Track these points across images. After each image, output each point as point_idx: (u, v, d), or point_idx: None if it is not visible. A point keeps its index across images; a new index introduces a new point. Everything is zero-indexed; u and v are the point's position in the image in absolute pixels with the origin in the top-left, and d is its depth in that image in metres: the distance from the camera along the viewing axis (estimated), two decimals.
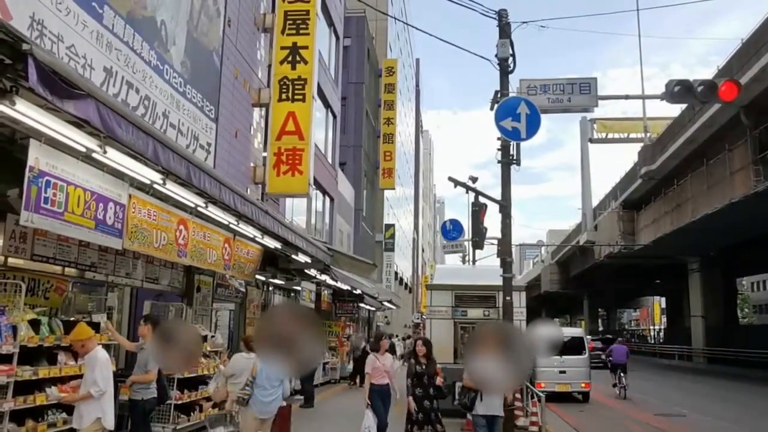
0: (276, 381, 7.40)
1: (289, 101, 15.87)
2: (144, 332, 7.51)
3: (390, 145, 40.21)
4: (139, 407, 7.36)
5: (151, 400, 7.49)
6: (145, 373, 7.39)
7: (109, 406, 6.37)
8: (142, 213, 7.79)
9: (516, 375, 5.97)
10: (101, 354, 6.45)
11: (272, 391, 7.36)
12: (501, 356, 5.62)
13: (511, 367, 5.71)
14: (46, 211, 5.88)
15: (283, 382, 7.53)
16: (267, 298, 17.10)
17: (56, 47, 7.50)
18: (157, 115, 10.29)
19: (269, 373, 7.29)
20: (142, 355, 7.44)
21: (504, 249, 11.72)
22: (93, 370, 6.25)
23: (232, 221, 10.04)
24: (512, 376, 5.86)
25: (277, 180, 15.65)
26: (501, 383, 6.19)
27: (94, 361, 6.31)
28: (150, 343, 7.15)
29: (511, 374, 5.81)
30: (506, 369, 5.70)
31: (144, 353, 7.41)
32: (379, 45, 42.98)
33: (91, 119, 5.26)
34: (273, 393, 7.36)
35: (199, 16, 12.01)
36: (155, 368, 7.43)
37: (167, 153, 6.65)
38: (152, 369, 7.39)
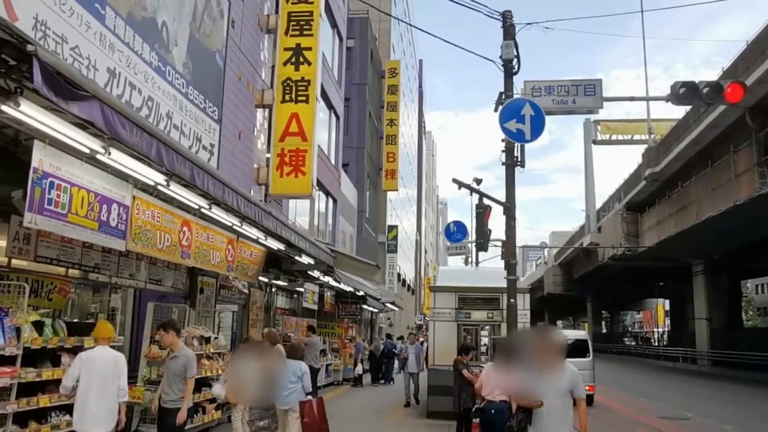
0: (294, 378, 8.27)
1: (292, 102, 15.85)
2: (170, 340, 7.39)
3: (393, 146, 40.19)
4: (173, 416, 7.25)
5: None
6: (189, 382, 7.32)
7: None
8: (145, 214, 7.78)
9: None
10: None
11: (291, 386, 8.22)
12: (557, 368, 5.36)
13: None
14: (49, 212, 5.87)
15: (302, 378, 8.31)
16: (270, 300, 17.08)
17: (60, 48, 7.49)
18: (161, 116, 10.28)
19: (288, 372, 8.26)
20: (176, 363, 7.26)
21: (508, 251, 11.69)
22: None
23: (236, 223, 10.03)
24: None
25: (280, 181, 15.63)
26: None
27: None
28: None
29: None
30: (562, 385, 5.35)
31: (177, 361, 7.26)
32: (383, 46, 42.98)
33: (95, 120, 5.25)
34: (291, 388, 8.21)
35: (202, 18, 11.99)
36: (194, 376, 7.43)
37: (171, 154, 6.64)
38: (192, 377, 7.33)
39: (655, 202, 32.36)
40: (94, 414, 6.14)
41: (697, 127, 24.40)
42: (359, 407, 15.70)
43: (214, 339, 11.25)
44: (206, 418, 10.36)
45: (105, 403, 6.24)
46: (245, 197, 9.30)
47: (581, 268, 50.03)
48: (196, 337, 10.40)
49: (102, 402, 6.21)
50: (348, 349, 22.59)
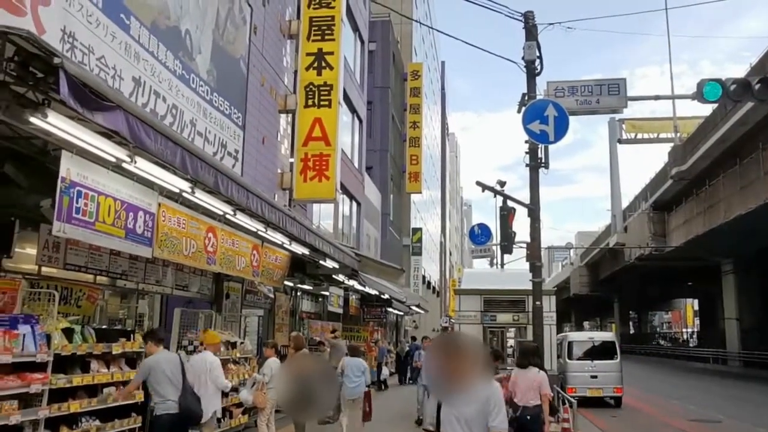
0: (359, 372, 10.36)
1: (315, 107, 15.92)
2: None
3: (416, 148, 40.16)
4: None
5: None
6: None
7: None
8: (171, 221, 7.86)
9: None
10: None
11: (356, 380, 10.32)
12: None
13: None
14: (77, 221, 5.96)
15: (364, 373, 10.46)
16: (295, 304, 17.16)
17: (87, 59, 7.60)
18: (185, 124, 10.38)
19: (353, 368, 10.37)
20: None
21: (533, 253, 11.62)
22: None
23: (260, 228, 10.10)
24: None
25: (304, 186, 15.70)
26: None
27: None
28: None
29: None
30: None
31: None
32: (404, 49, 42.98)
33: (120, 130, 5.32)
34: (357, 381, 10.32)
35: (225, 25, 12.10)
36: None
37: (195, 162, 6.70)
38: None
39: (682, 201, 31.93)
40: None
41: (724, 125, 24.03)
42: (382, 409, 15.67)
43: (241, 344, 11.33)
44: (233, 422, 10.43)
45: (204, 396, 7.60)
46: (269, 203, 9.36)
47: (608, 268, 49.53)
48: (223, 342, 10.47)
49: (202, 395, 7.54)
50: (373, 352, 22.60)
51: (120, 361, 7.93)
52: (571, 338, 18.51)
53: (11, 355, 5.88)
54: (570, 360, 17.37)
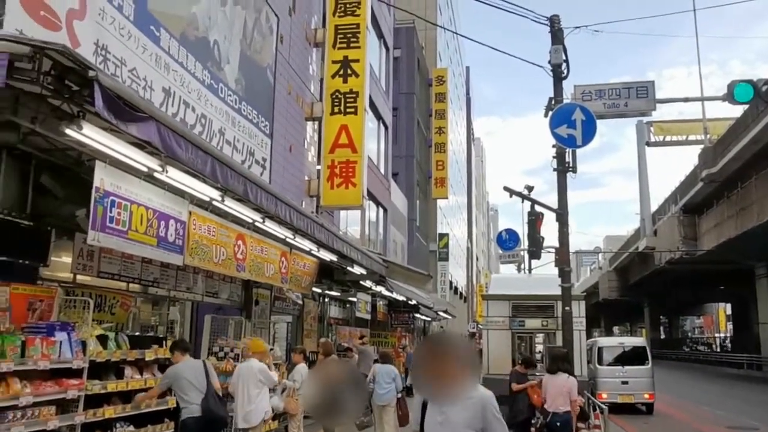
0: (389, 379, 10.66)
1: (341, 114, 16.01)
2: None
3: (442, 154, 40.11)
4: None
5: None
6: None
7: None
8: (201, 229, 7.97)
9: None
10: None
11: (387, 387, 10.59)
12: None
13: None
14: (111, 229, 6.07)
15: (395, 380, 10.76)
16: (323, 310, 17.23)
17: (119, 71, 7.75)
18: (214, 133, 10.52)
19: (384, 374, 10.68)
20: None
21: (562, 258, 11.55)
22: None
23: (289, 235, 10.18)
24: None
25: (331, 193, 15.78)
26: None
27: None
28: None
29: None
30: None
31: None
32: (429, 54, 43.00)
33: (152, 140, 5.42)
34: (387, 387, 10.60)
35: (252, 35, 12.24)
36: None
37: (225, 170, 6.79)
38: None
39: (713, 203, 31.41)
40: (244, 413, 8.06)
41: (756, 126, 23.59)
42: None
43: (270, 350, 11.39)
44: (263, 428, 10.49)
45: (251, 404, 8.11)
46: (297, 210, 9.44)
47: (637, 272, 48.88)
48: None
49: (248, 403, 8.10)
50: (401, 357, 22.56)
51: (153, 367, 8.03)
52: (601, 343, 18.32)
53: (49, 362, 6.00)
54: (600, 365, 17.18)
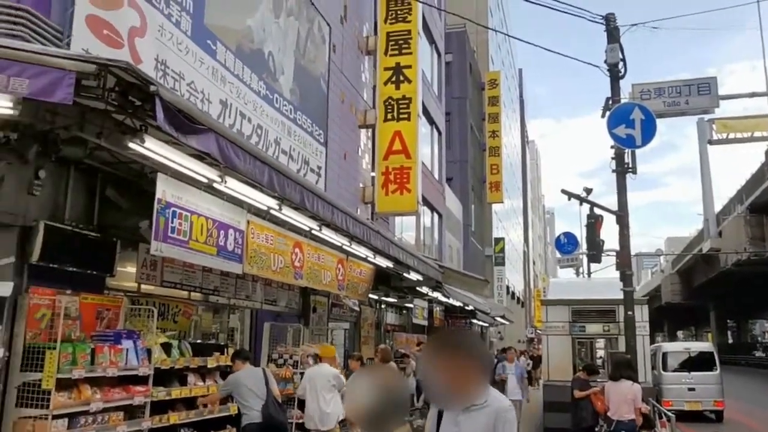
0: None
1: (394, 121, 16.06)
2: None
3: (496, 158, 39.76)
4: None
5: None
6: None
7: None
8: (260, 238, 8.09)
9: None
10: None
11: None
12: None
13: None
14: (173, 240, 6.22)
15: None
16: (380, 317, 17.25)
17: (178, 84, 7.95)
18: (270, 143, 10.68)
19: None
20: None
21: (623, 261, 11.28)
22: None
23: (345, 242, 10.23)
24: None
25: (386, 199, 15.82)
26: None
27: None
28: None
29: None
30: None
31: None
32: (481, 58, 42.74)
33: (211, 152, 5.53)
34: None
35: (305, 45, 12.40)
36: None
37: (282, 180, 6.88)
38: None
39: None
40: (321, 415, 8.37)
41: None
42: None
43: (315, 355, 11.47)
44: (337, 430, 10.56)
45: (328, 407, 8.42)
46: (353, 217, 9.48)
47: (701, 275, 47.35)
48: (311, 355, 10.63)
49: (326, 406, 8.40)
50: None
51: (215, 374, 8.19)
52: (666, 349, 17.81)
53: (117, 369, 6.18)
54: (665, 372, 16.70)
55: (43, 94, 4.27)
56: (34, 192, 5.73)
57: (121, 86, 4.91)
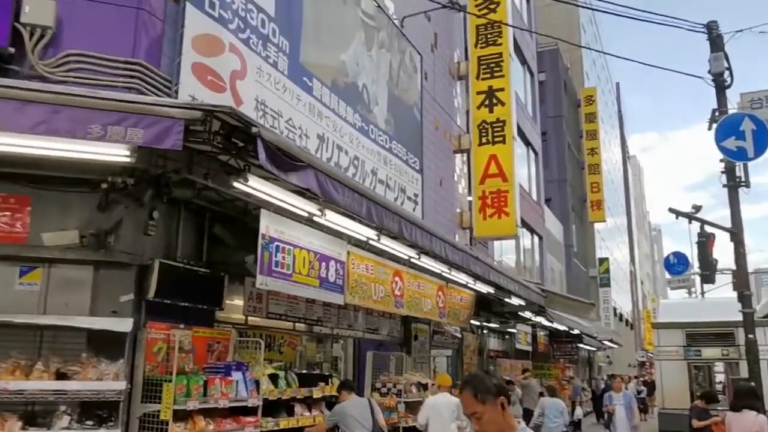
0: (558, 413, 11.14)
1: (489, 144, 15.95)
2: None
3: (596, 175, 38.63)
4: None
5: None
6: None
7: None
8: (360, 268, 8.21)
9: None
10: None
11: (556, 421, 11.06)
12: None
13: None
14: (277, 273, 6.42)
15: (563, 414, 11.18)
16: (482, 343, 17.02)
17: (277, 122, 8.24)
18: (366, 173, 10.85)
19: (553, 409, 11.09)
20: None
21: (740, 281, 10.64)
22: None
23: (444, 269, 10.21)
24: None
25: (484, 223, 15.68)
26: None
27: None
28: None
29: None
30: None
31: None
32: (575, 74, 41.85)
33: (311, 187, 5.70)
34: (557, 422, 11.05)
35: (398, 75, 12.57)
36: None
37: (380, 211, 6.98)
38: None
39: None
40: None
41: None
42: None
43: (432, 385, 11.40)
44: None
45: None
46: (452, 244, 9.47)
47: None
48: (414, 383, 10.62)
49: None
50: (566, 390, 21.71)
51: (320, 404, 8.32)
52: None
53: (228, 400, 6.40)
54: None
55: (156, 141, 4.56)
56: (149, 232, 6.08)
57: (225, 129, 5.17)
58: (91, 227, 5.86)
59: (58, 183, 5.83)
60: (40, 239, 5.76)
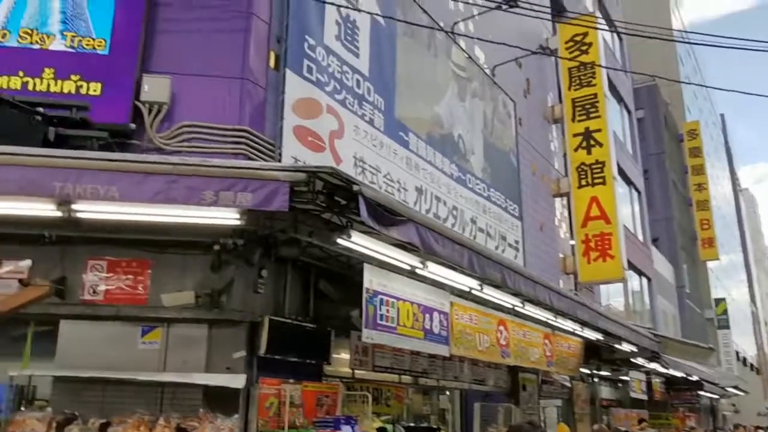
0: None
1: (589, 186, 15.62)
2: None
3: (705, 212, 36.81)
4: None
5: None
6: None
7: None
8: (464, 318, 8.15)
9: None
10: None
11: None
12: None
13: None
14: (382, 326, 6.48)
15: None
16: (594, 392, 16.34)
17: (375, 177, 8.45)
18: (466, 222, 10.86)
19: None
20: None
21: None
22: None
23: (550, 317, 10.00)
24: None
25: (588, 268, 15.26)
26: None
27: None
28: None
29: None
30: None
31: None
32: (676, 109, 40.43)
33: (413, 241, 5.78)
34: None
35: (492, 123, 12.63)
36: None
37: (482, 261, 6.96)
38: None
39: None
40: None
41: None
42: None
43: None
44: None
45: None
46: (556, 291, 9.28)
47: None
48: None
49: None
50: None
51: None
52: None
53: None
54: None
55: (264, 204, 4.80)
56: (258, 290, 6.32)
57: (327, 188, 5.36)
58: (205, 287, 6.15)
59: (175, 247, 6.19)
60: (159, 300, 6.09)
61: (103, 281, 6.17)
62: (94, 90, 6.48)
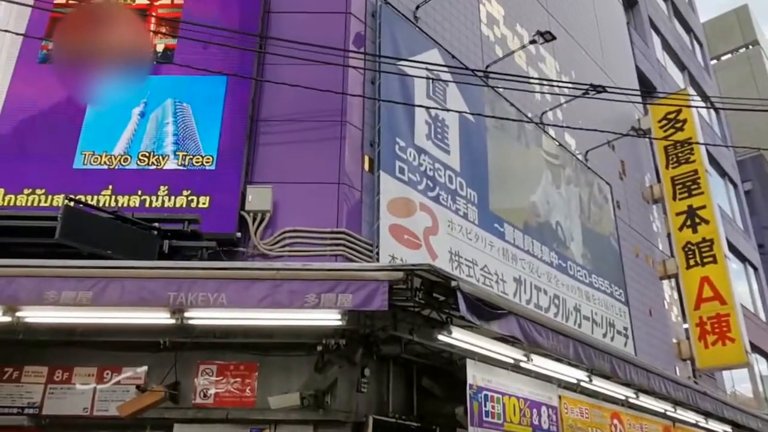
0: None
1: (698, 266, 14.89)
2: None
3: None
4: None
5: None
6: None
7: None
8: (574, 412, 7.82)
9: None
10: None
11: None
12: None
13: None
14: (488, 423, 6.33)
15: None
16: None
17: (472, 270, 8.45)
18: (569, 311, 10.57)
19: None
20: None
21: None
22: None
23: (668, 408, 9.42)
24: None
25: (706, 353, 14.32)
26: None
27: None
28: None
29: None
30: None
31: None
32: None
33: (514, 334, 5.71)
34: None
35: (589, 208, 12.45)
36: None
37: (588, 351, 6.75)
38: None
39: None
40: None
41: None
42: None
43: None
44: None
45: None
46: (672, 380, 8.79)
47: None
48: None
49: None
50: None
51: None
52: None
53: None
54: None
55: (364, 304, 4.92)
56: (362, 389, 6.35)
57: (425, 286, 5.44)
58: (309, 388, 6.24)
59: (279, 349, 6.36)
60: (266, 402, 6.21)
61: (213, 384, 6.38)
62: (203, 203, 6.95)
